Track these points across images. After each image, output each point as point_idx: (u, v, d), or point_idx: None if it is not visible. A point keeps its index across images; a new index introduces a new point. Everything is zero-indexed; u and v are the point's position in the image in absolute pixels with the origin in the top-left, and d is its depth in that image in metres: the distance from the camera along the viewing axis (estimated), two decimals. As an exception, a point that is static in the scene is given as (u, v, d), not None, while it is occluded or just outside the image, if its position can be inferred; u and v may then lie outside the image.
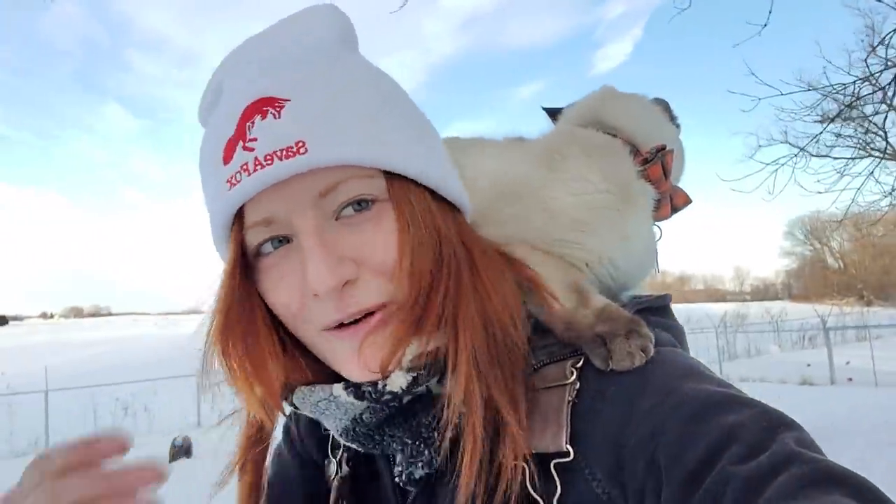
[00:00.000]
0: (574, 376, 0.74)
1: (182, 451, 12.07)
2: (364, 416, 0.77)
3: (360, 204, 0.74)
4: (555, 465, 0.69)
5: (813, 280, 74.18)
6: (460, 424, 0.72)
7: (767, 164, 10.09)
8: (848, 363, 17.55)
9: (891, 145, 11.22)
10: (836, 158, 11.61)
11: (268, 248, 0.77)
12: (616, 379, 0.71)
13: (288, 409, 0.86)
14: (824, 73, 9.88)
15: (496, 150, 1.00)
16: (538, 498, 0.69)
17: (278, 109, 0.71)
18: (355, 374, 0.76)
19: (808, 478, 0.53)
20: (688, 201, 0.92)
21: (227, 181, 0.72)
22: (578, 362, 0.76)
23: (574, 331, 0.79)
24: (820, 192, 10.95)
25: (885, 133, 10.76)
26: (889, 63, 8.35)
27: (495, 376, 0.74)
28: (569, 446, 0.69)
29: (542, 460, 0.70)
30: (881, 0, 9.00)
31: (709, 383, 0.67)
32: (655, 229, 0.93)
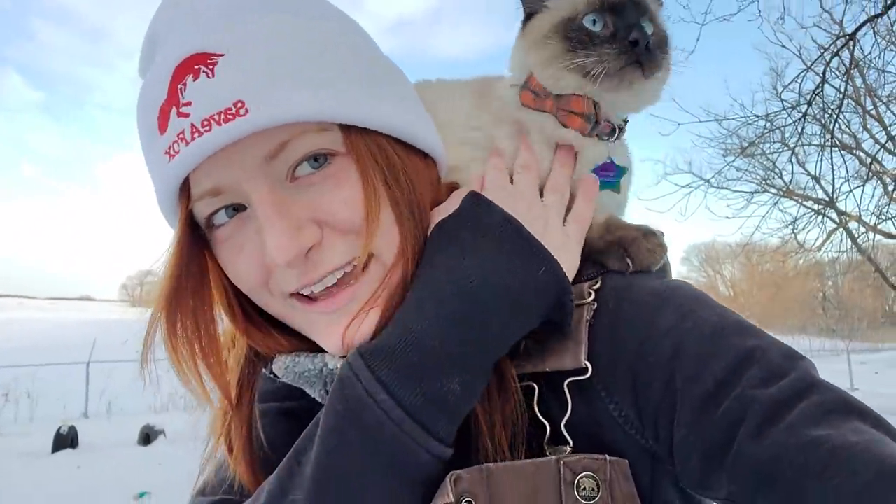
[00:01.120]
0: (591, 297, 0.73)
1: (67, 440, 11.42)
2: None
3: (317, 160, 0.69)
4: (568, 385, 0.68)
5: (706, 306, 77.80)
6: None
7: (682, 187, 10.65)
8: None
9: (785, 183, 12.07)
10: (736, 192, 12.46)
11: (221, 217, 0.72)
12: (634, 299, 0.71)
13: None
14: (732, 110, 10.62)
15: (461, 91, 0.95)
16: (544, 421, 0.68)
17: (211, 67, 0.65)
18: (337, 349, 0.71)
19: (830, 405, 0.54)
20: (583, 108, 0.82)
21: (165, 152, 0.66)
22: (595, 284, 0.75)
23: (586, 246, 0.79)
24: (728, 217, 11.69)
25: (782, 173, 11.56)
26: (794, 109, 8.95)
27: None
28: (587, 363, 0.67)
29: (555, 380, 0.69)
30: (784, 46, 9.71)
31: (723, 311, 0.67)
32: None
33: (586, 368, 0.67)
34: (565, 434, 0.67)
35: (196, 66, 0.65)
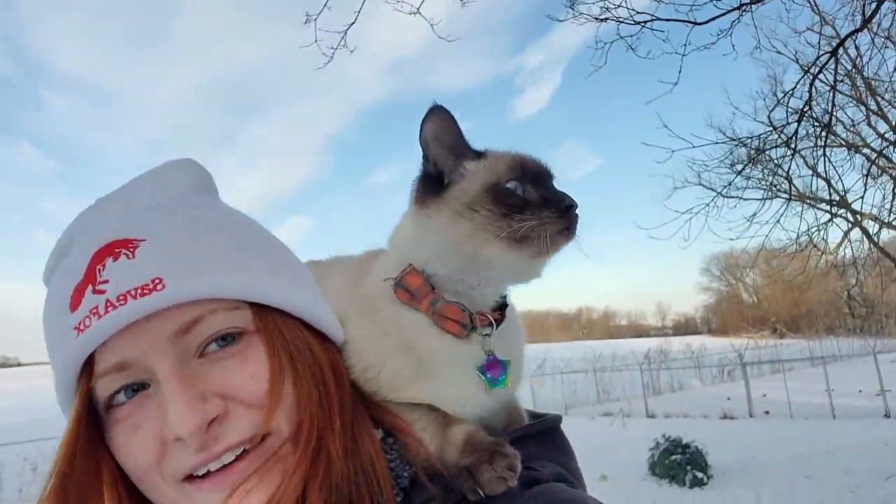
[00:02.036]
0: None
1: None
2: None
3: (225, 339, 0.70)
4: None
5: (730, 314, 77.21)
6: None
7: (682, 213, 10.52)
8: (764, 395, 18.27)
9: (796, 187, 11.99)
10: (745, 199, 12.32)
11: (121, 398, 0.70)
12: None
13: None
14: (733, 119, 10.62)
15: (339, 282, 0.96)
16: None
17: (132, 249, 0.67)
18: None
19: None
20: (458, 316, 0.83)
21: (75, 328, 0.65)
22: None
23: (443, 469, 0.77)
24: (731, 240, 11.53)
25: (790, 177, 11.46)
26: (794, 114, 9.00)
27: None
28: None
29: None
30: (780, 52, 9.75)
31: None
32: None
33: None
34: None
35: (117, 250, 0.67)
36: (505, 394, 0.85)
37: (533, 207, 0.80)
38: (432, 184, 0.87)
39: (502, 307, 0.86)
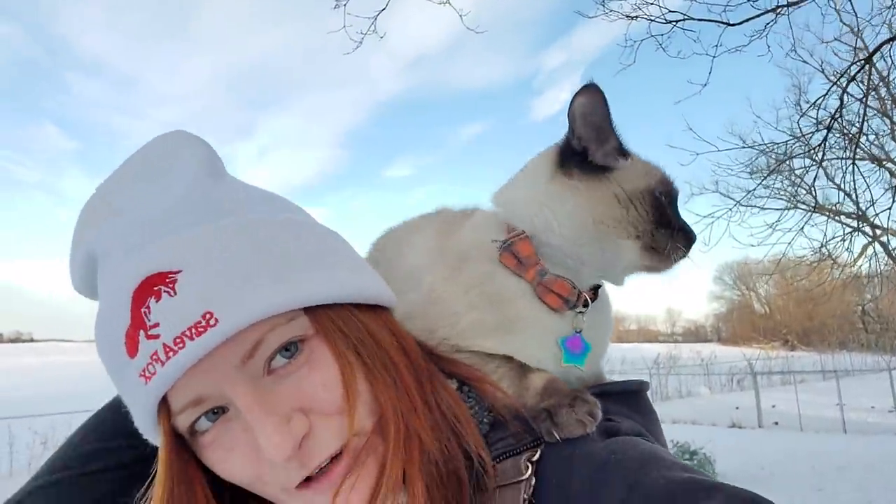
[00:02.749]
0: (529, 471, 0.71)
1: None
2: None
3: (288, 349, 0.70)
4: None
5: (741, 324, 76.62)
6: None
7: (703, 217, 10.45)
8: (774, 407, 18.14)
9: (817, 200, 11.88)
10: (765, 209, 12.22)
11: (203, 424, 0.71)
12: (577, 471, 0.69)
13: None
14: (756, 128, 10.54)
15: (421, 240, 0.98)
16: None
17: (171, 286, 0.65)
18: None
19: None
20: (567, 293, 0.84)
21: (141, 375, 0.65)
22: (535, 455, 0.73)
23: (523, 412, 0.79)
24: (752, 246, 11.42)
25: (815, 189, 11.36)
26: (819, 125, 8.91)
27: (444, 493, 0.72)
28: None
29: None
30: (805, 61, 9.65)
31: (671, 470, 0.65)
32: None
33: None
34: None
35: (155, 288, 0.65)
36: (582, 375, 0.86)
37: (674, 229, 0.86)
38: (575, 159, 0.88)
39: (596, 288, 0.88)
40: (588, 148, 0.88)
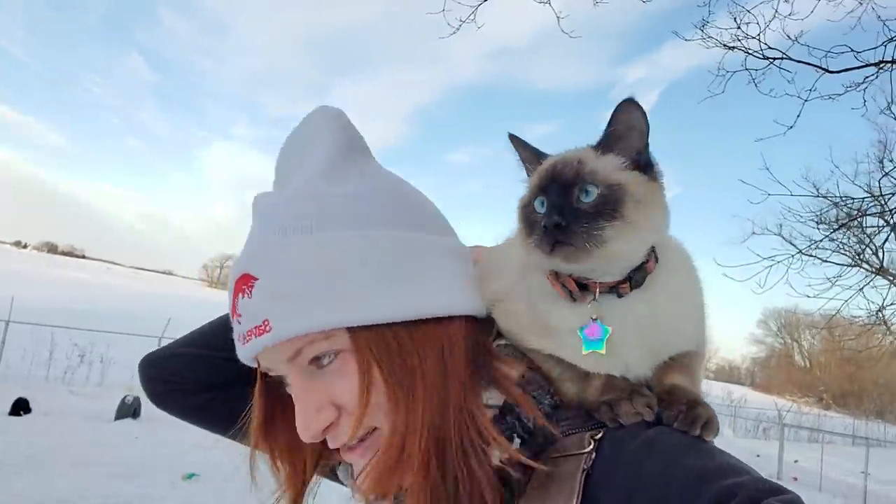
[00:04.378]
0: (591, 446, 0.80)
1: (130, 410, 11.96)
2: None
3: (328, 356, 0.84)
4: None
5: (777, 372, 74.61)
6: None
7: (763, 259, 10.18)
8: (796, 462, 17.70)
9: (882, 263, 11.49)
10: (827, 262, 11.83)
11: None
12: (628, 448, 0.77)
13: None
14: (832, 178, 10.21)
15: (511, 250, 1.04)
16: None
17: (250, 289, 0.83)
18: (356, 491, 0.90)
19: None
20: (554, 282, 0.91)
21: (237, 339, 0.88)
22: (598, 434, 0.82)
23: (584, 404, 0.87)
24: (808, 297, 11.03)
25: (882, 250, 11.01)
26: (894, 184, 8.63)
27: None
28: None
29: None
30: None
31: (711, 455, 0.73)
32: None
33: None
34: None
35: (243, 286, 0.84)
36: (607, 363, 0.88)
37: (537, 227, 0.86)
38: None
39: (628, 279, 0.88)
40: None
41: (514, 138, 0.99)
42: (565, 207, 0.85)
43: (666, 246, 0.94)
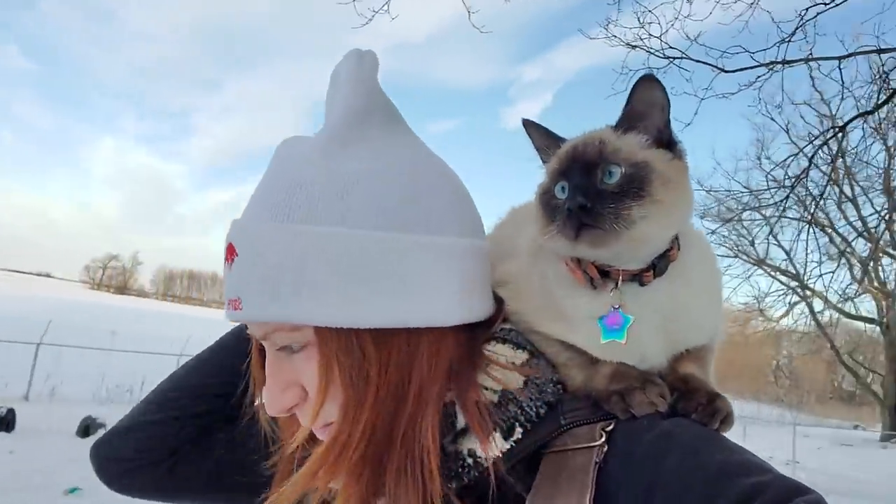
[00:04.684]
0: (603, 439, 0.76)
1: (3, 423, 11.12)
2: None
3: (291, 346, 0.82)
4: None
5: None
6: None
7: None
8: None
9: (759, 255, 12.36)
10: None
11: None
12: (644, 440, 0.73)
13: None
14: (714, 174, 10.88)
15: (518, 219, 1.03)
16: None
17: (231, 262, 0.81)
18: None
19: None
20: (574, 268, 0.87)
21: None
22: (609, 425, 0.78)
23: (592, 394, 0.82)
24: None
25: (755, 245, 11.84)
26: (780, 184, 9.32)
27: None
28: None
29: None
30: (774, 119, 10.05)
31: (731, 450, 0.70)
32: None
33: None
34: None
35: (229, 256, 0.82)
36: (621, 352, 0.85)
37: (559, 213, 0.82)
38: None
39: (651, 267, 0.84)
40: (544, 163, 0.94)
41: (529, 123, 0.94)
42: (589, 189, 0.80)
43: (688, 233, 0.90)
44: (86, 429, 11.48)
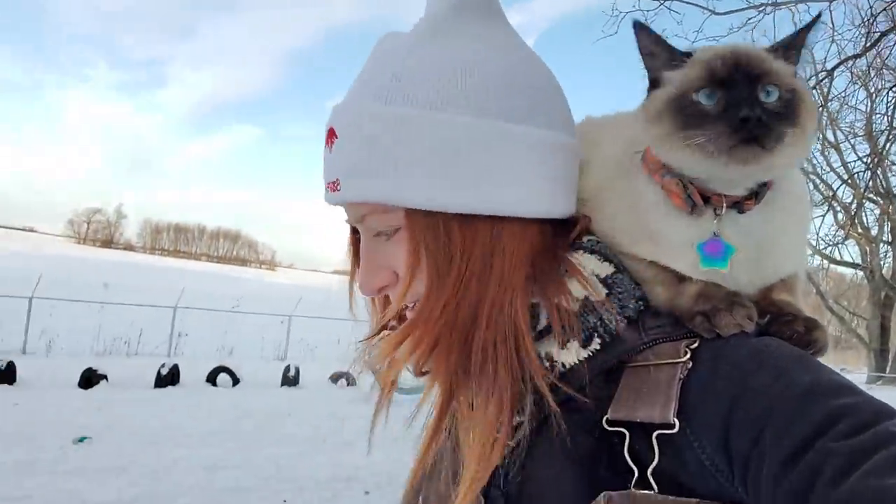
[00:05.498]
0: (687, 356, 0.76)
1: (4, 375, 11.20)
2: None
3: (385, 232, 0.86)
4: (657, 436, 0.72)
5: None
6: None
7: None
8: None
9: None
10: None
11: None
12: (731, 358, 0.73)
13: None
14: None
15: (611, 135, 0.99)
16: (632, 466, 0.73)
17: (331, 144, 0.84)
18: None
19: None
20: (677, 191, 0.84)
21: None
22: (694, 343, 0.78)
23: (676, 312, 0.82)
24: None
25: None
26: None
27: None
28: (675, 419, 0.71)
29: (646, 430, 0.73)
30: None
31: (821, 371, 0.69)
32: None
33: (673, 424, 0.71)
34: (651, 480, 0.72)
35: (329, 139, 0.85)
36: (717, 276, 0.84)
37: (711, 120, 0.78)
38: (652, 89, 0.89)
39: (753, 195, 0.83)
40: (656, 77, 0.88)
41: (639, 26, 0.88)
42: (755, 103, 0.78)
43: None
44: (87, 380, 11.64)
